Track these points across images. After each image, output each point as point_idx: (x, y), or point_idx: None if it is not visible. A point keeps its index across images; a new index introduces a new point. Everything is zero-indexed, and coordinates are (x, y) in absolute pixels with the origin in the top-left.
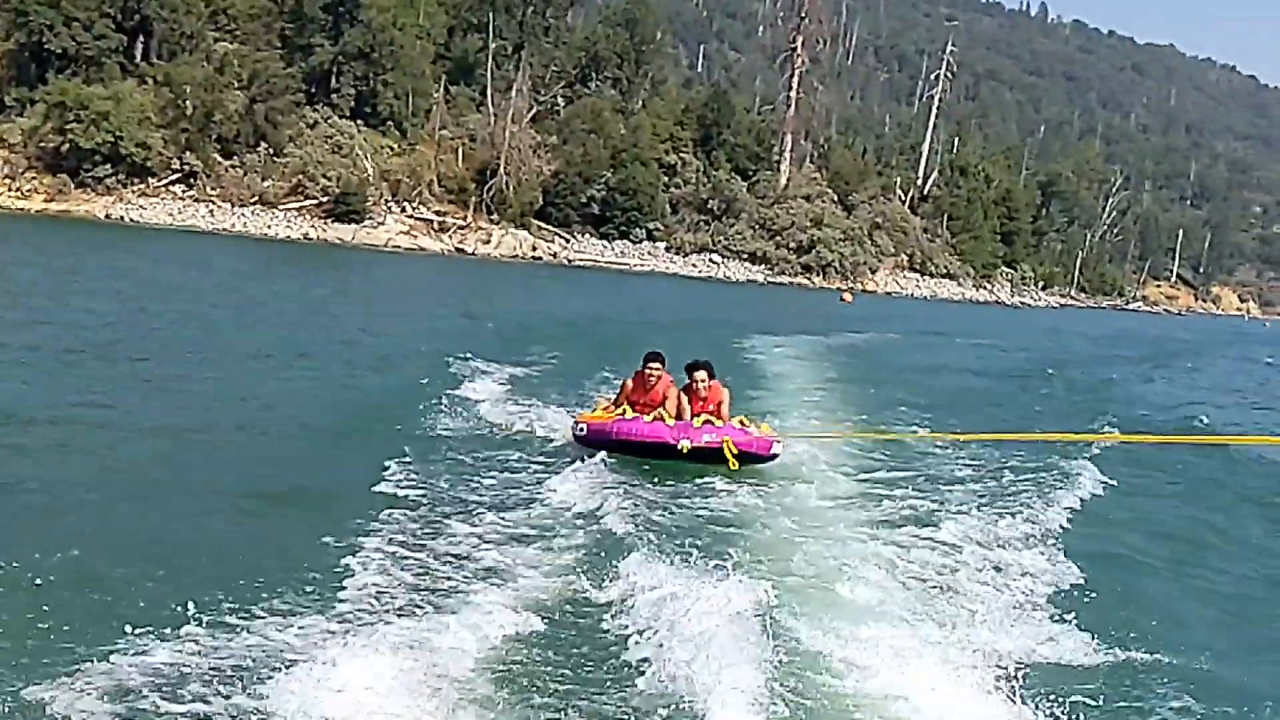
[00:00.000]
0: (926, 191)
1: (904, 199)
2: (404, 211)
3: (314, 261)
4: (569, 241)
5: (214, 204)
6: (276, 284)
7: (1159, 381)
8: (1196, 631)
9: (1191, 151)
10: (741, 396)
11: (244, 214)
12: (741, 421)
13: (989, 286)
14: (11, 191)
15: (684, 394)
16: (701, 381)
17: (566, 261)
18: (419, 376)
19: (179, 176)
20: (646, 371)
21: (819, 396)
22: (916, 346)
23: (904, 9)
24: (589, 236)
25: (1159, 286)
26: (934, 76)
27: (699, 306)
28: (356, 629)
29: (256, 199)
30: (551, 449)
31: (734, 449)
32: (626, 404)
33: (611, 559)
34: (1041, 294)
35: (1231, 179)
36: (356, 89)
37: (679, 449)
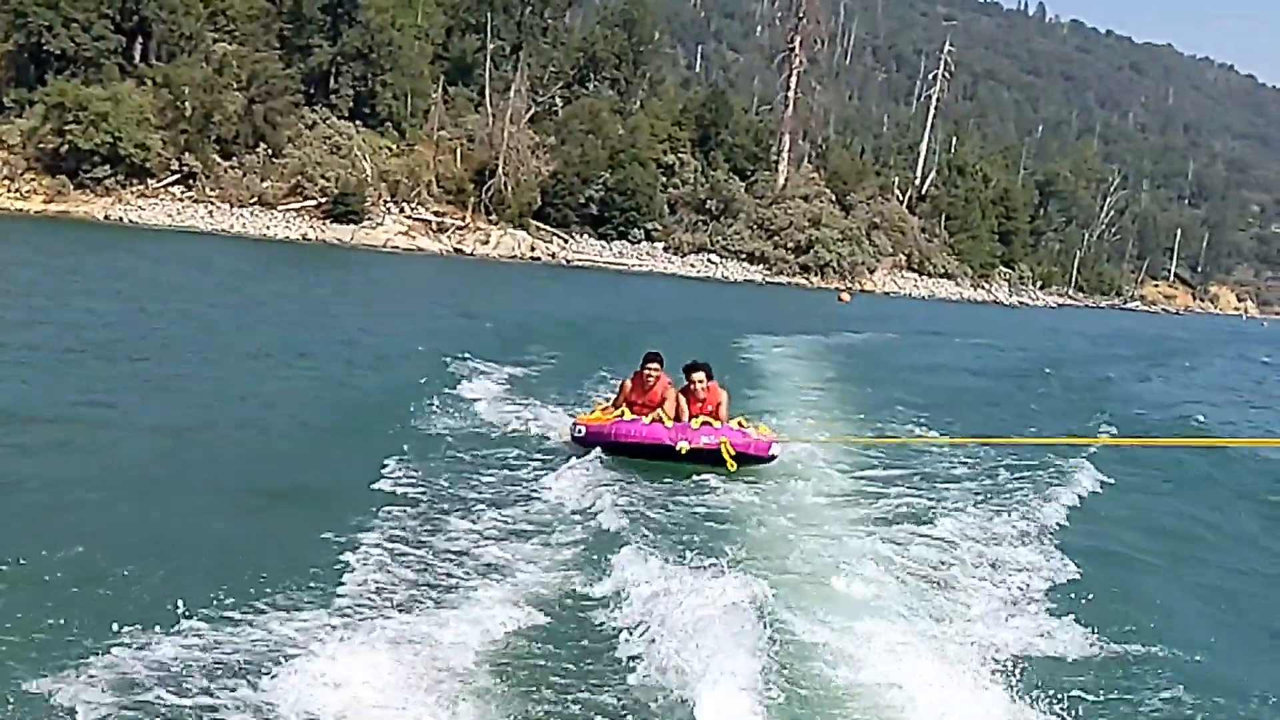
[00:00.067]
0: (924, 191)
1: (902, 199)
2: (402, 212)
3: (313, 262)
4: (567, 242)
5: (213, 205)
6: (276, 284)
7: (1155, 380)
8: (1189, 626)
9: (1189, 151)
10: (739, 396)
11: (243, 215)
12: (740, 423)
13: (987, 286)
14: (10, 192)
15: (682, 395)
16: (700, 383)
17: (565, 262)
18: (417, 376)
19: (178, 177)
20: (645, 372)
21: (817, 396)
22: (914, 346)
23: (902, 9)
24: (587, 237)
25: (1157, 286)
26: (932, 76)
27: (697, 306)
28: (355, 623)
29: (255, 200)
30: (549, 448)
31: (731, 451)
32: (625, 405)
33: (608, 555)
34: (1039, 293)
35: (1229, 178)
36: (355, 89)
37: (677, 450)
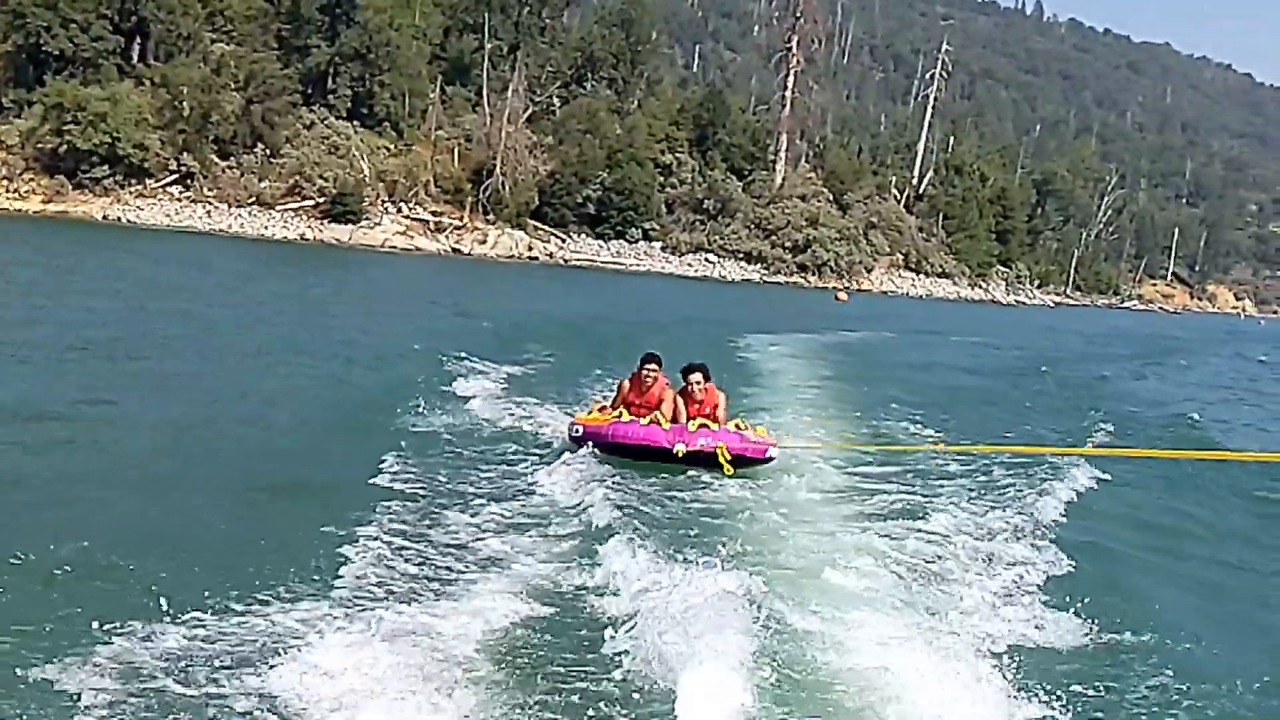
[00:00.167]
0: (922, 190)
1: (899, 198)
2: (400, 212)
3: (311, 262)
4: (565, 241)
5: (211, 205)
6: (274, 284)
7: (1151, 379)
8: (1179, 618)
9: (1187, 150)
10: (736, 395)
11: (241, 214)
12: (738, 425)
13: (984, 285)
14: (9, 193)
15: (680, 397)
16: (697, 384)
17: (562, 261)
18: (415, 375)
19: (176, 177)
20: (643, 373)
21: (813, 395)
22: (911, 345)
23: (899, 8)
24: (585, 236)
25: (1155, 285)
26: (929, 75)
27: (695, 306)
28: (353, 614)
29: (253, 200)
30: (546, 446)
31: (728, 456)
32: (623, 406)
33: (603, 548)
34: (1037, 293)
35: (1227, 177)
36: (353, 90)
37: (674, 453)
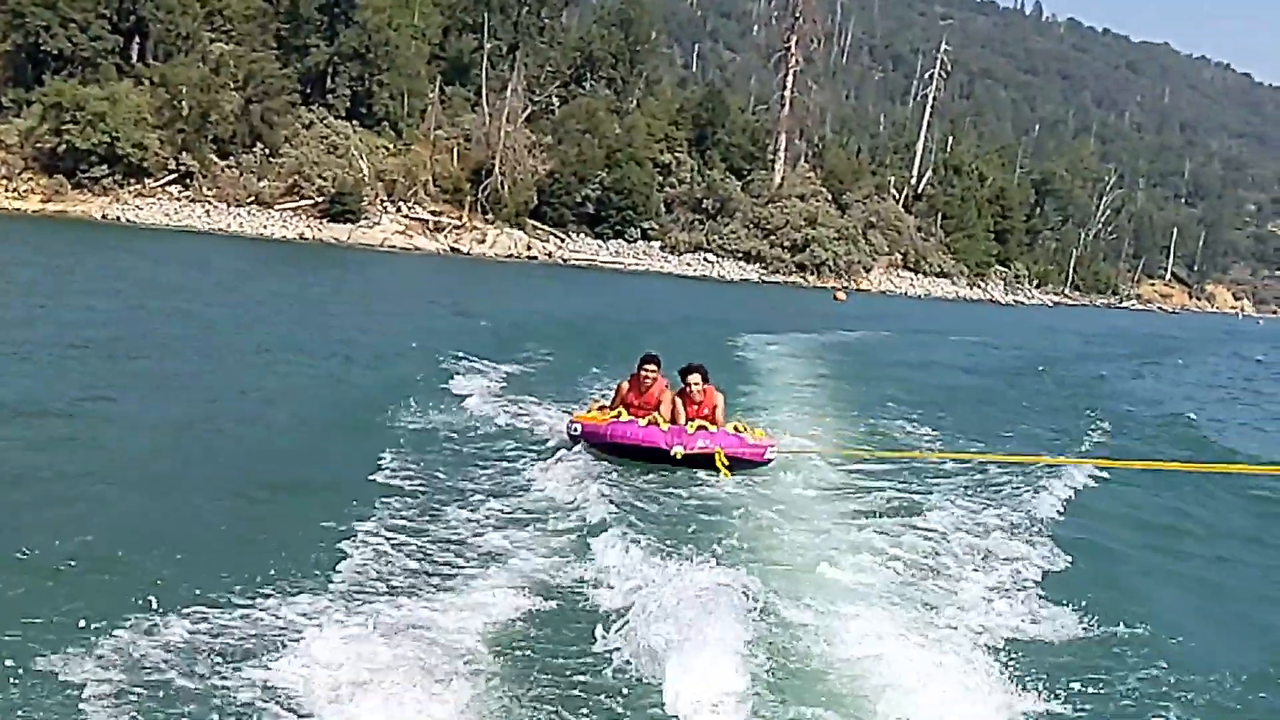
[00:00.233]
0: (921, 190)
1: (898, 198)
2: (399, 211)
3: (310, 261)
4: (564, 241)
5: (210, 204)
6: (273, 283)
7: (1148, 378)
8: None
9: (1186, 150)
10: (734, 394)
11: (240, 214)
12: (736, 426)
13: (983, 285)
14: (8, 192)
15: (679, 398)
16: (696, 385)
17: (561, 261)
18: (414, 374)
19: (175, 177)
20: (642, 374)
21: (811, 394)
22: (909, 344)
23: (899, 8)
24: (584, 236)
25: (1153, 285)
26: (928, 75)
27: (693, 305)
28: (352, 608)
29: (252, 199)
30: (544, 445)
31: (725, 460)
32: (621, 406)
33: (599, 545)
34: (1035, 292)
35: (1226, 177)
36: (352, 89)
37: (672, 455)
